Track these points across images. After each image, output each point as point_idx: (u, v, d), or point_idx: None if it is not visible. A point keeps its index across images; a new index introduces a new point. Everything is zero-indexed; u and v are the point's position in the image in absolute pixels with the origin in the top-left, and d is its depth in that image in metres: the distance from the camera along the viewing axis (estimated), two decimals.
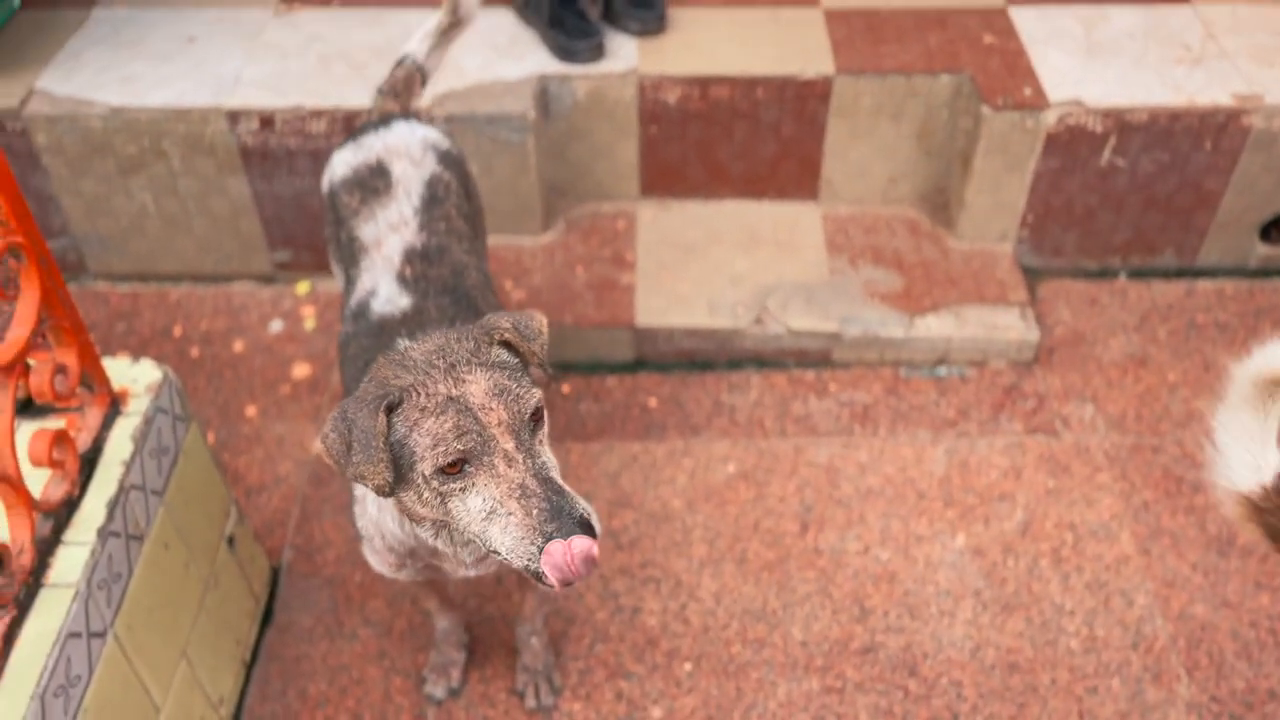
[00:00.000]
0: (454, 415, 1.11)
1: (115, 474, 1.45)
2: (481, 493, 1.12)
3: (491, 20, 2.60)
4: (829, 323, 2.35)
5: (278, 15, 2.64)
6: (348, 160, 1.77)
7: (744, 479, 2.17)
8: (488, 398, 1.13)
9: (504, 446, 1.11)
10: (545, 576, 1.10)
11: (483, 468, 1.12)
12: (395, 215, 1.67)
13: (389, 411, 1.13)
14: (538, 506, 1.09)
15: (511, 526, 1.11)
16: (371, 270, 1.63)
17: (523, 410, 1.14)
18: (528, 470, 1.11)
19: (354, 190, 1.72)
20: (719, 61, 2.45)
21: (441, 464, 1.11)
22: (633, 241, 2.55)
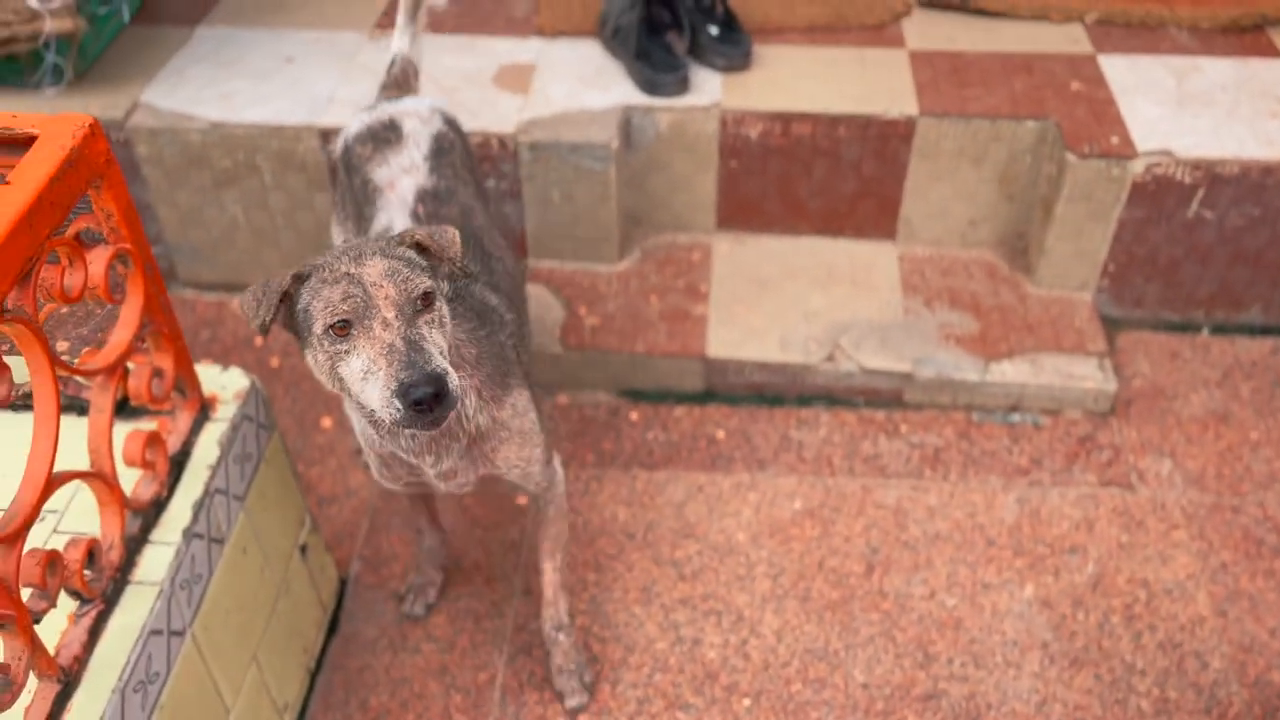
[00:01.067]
0: (345, 285, 1.25)
1: (202, 477, 1.49)
2: (360, 354, 1.25)
3: (579, 51, 2.65)
4: (902, 363, 2.33)
5: (372, 39, 2.72)
6: (362, 120, 1.91)
7: (810, 516, 2.16)
8: (380, 276, 1.26)
9: (384, 315, 1.24)
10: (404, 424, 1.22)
11: (363, 331, 1.25)
12: (407, 160, 1.81)
13: (298, 280, 1.29)
14: (398, 360, 1.21)
15: (377, 381, 1.23)
16: (387, 209, 1.76)
17: (410, 290, 1.26)
18: (399, 334, 1.23)
19: (367, 142, 1.86)
20: (802, 98, 2.46)
21: (329, 323, 1.25)
22: (707, 273, 2.56)
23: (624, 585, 2.05)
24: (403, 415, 1.21)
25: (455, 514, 2.18)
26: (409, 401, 1.20)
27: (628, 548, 2.12)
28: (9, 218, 1.08)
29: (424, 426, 1.23)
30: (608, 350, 2.40)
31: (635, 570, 2.08)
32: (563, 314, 2.47)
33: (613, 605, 2.02)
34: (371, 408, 1.25)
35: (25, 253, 1.10)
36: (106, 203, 1.28)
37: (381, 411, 1.23)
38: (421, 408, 1.20)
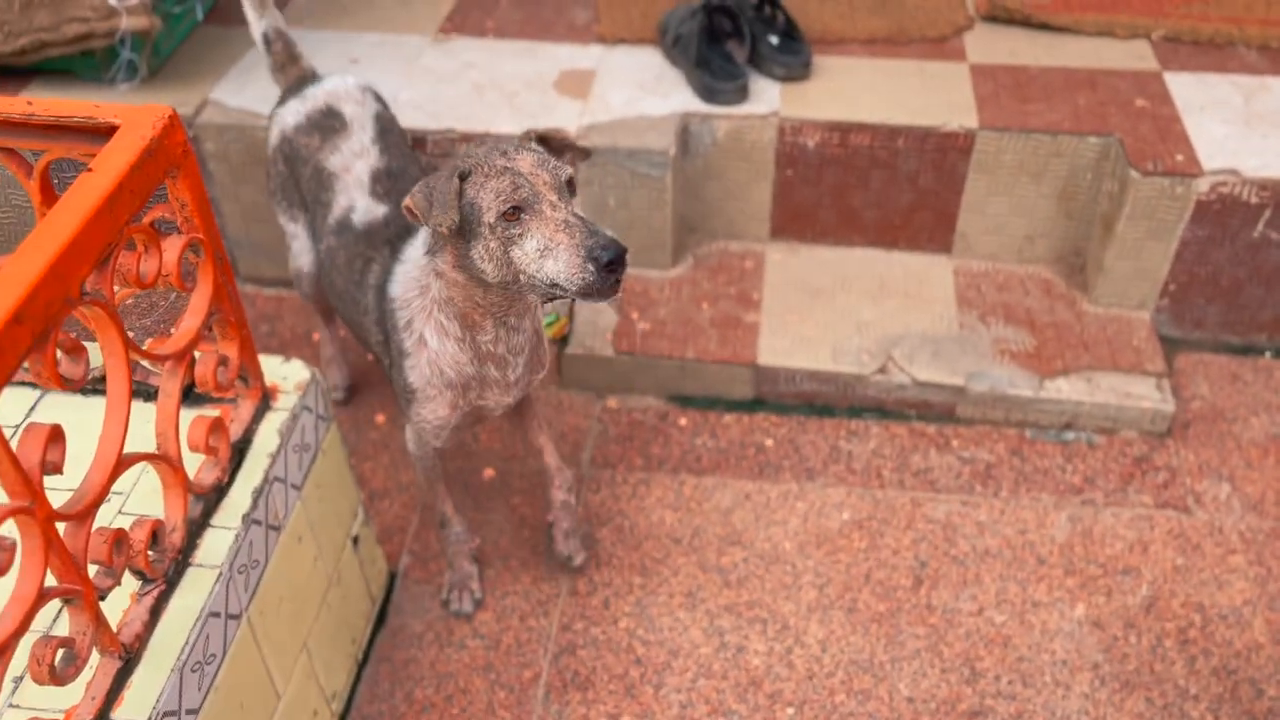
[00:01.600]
0: (510, 177, 1.40)
1: (262, 465, 1.52)
2: (535, 235, 1.39)
3: (639, 58, 2.67)
4: (955, 377, 2.32)
5: (436, 42, 2.76)
6: (297, 110, 1.99)
7: (858, 528, 2.15)
8: (534, 167, 1.42)
9: (549, 198, 1.39)
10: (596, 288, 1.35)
11: (534, 214, 1.39)
12: (357, 145, 1.91)
13: (461, 179, 1.42)
14: (580, 231, 1.36)
15: (561, 253, 1.36)
16: (345, 192, 1.88)
17: (560, 175, 1.43)
18: (568, 211, 1.39)
19: (311, 133, 1.95)
20: (861, 109, 2.46)
21: (503, 209, 1.39)
22: (760, 281, 2.56)
23: (669, 590, 2.06)
24: (595, 278, 1.34)
25: (504, 513, 2.20)
26: (601, 265, 1.33)
27: (674, 552, 2.12)
28: (91, 203, 1.11)
29: (610, 288, 1.36)
30: (659, 355, 2.41)
31: (681, 575, 2.08)
32: (615, 318, 2.48)
33: (658, 609, 2.02)
34: (555, 278, 1.37)
35: (105, 238, 1.13)
36: (181, 193, 1.32)
37: (571, 280, 1.36)
38: (613, 267, 1.33)
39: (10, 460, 1.01)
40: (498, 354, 1.63)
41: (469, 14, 2.87)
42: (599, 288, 1.35)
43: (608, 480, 2.26)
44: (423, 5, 2.92)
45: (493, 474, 2.28)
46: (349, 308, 1.86)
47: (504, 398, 1.72)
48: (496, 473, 2.28)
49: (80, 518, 1.15)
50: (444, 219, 1.40)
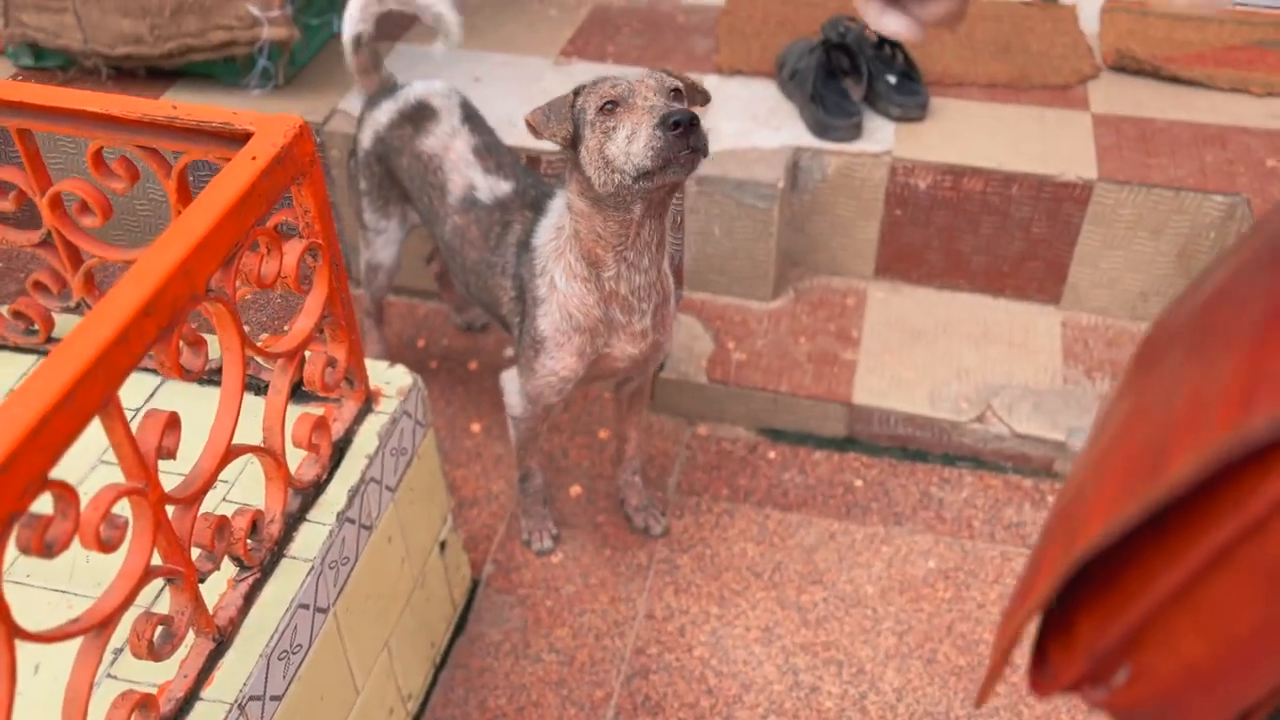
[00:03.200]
0: (614, 80, 1.53)
1: (359, 465, 1.57)
2: (625, 124, 1.49)
3: (754, 90, 2.69)
4: (1056, 432, 2.26)
5: (556, 65, 2.82)
6: (389, 109, 2.10)
7: (944, 578, 2.11)
8: (644, 76, 1.54)
9: (645, 95, 1.50)
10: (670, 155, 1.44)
11: (627, 109, 1.50)
12: (448, 127, 2.05)
13: (576, 94, 1.57)
14: (659, 110, 1.46)
15: (642, 131, 1.46)
16: (456, 170, 2.00)
17: (664, 85, 1.53)
18: (658, 103, 1.48)
19: (403, 125, 2.07)
20: (975, 153, 2.43)
21: (599, 105, 1.51)
22: (860, 319, 2.54)
23: (746, 622, 2.05)
24: (665, 143, 1.43)
25: (588, 531, 2.22)
26: (669, 124, 1.42)
27: (754, 585, 2.11)
28: (223, 206, 1.18)
29: (685, 159, 1.44)
30: (752, 386, 2.41)
31: (759, 609, 2.07)
32: (711, 346, 2.49)
33: (733, 641, 2.02)
34: (639, 164, 1.47)
35: (233, 239, 1.20)
36: (305, 199, 1.38)
37: (648, 150, 1.45)
38: (680, 130, 1.42)
39: (130, 444, 1.07)
40: (621, 294, 1.71)
41: (591, 39, 2.93)
42: (673, 155, 1.44)
43: (692, 507, 2.27)
44: (547, 29, 2.99)
45: (580, 491, 2.31)
46: (481, 276, 1.95)
47: (630, 348, 1.79)
48: (584, 490, 2.31)
49: (189, 502, 1.21)
50: (559, 129, 1.55)
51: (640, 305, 1.74)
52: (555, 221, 1.76)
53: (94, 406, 1.01)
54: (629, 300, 1.73)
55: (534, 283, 1.78)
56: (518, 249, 1.85)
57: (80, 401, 0.98)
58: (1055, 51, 2.76)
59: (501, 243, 1.90)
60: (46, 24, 2.57)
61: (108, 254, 1.49)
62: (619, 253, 1.66)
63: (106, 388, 1.02)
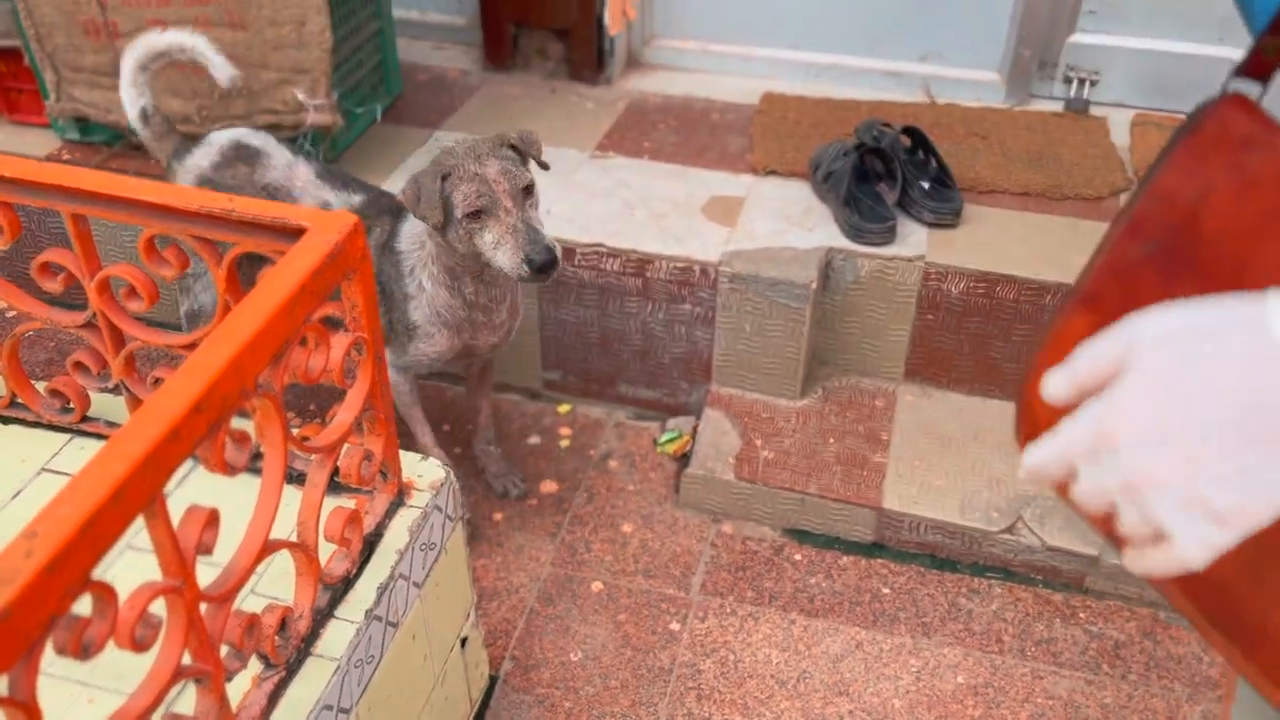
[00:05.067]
0: (477, 184, 1.81)
1: (390, 561, 1.55)
2: (491, 231, 1.83)
3: (788, 190, 2.71)
4: (1088, 546, 2.22)
5: (592, 158, 2.86)
6: (207, 154, 2.21)
7: (973, 694, 2.06)
8: (498, 175, 1.82)
9: (505, 204, 1.81)
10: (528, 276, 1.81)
11: (492, 216, 1.82)
12: (283, 161, 2.20)
13: (443, 179, 1.82)
14: (523, 237, 1.80)
15: (507, 250, 1.82)
16: (307, 194, 2.17)
17: (517, 184, 1.82)
18: (518, 218, 1.81)
19: (234, 165, 2.19)
20: (1009, 262, 2.44)
21: (468, 211, 1.81)
22: (890, 422, 2.53)
23: None
24: (528, 275, 1.80)
25: (608, 630, 2.18)
26: (534, 267, 1.79)
27: (778, 695, 2.06)
28: (276, 302, 1.18)
29: (541, 280, 1.83)
30: (779, 486, 2.38)
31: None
32: (739, 443, 2.48)
33: None
34: (501, 267, 1.83)
35: (284, 335, 1.19)
36: (354, 294, 1.38)
37: (512, 271, 1.82)
38: (543, 270, 1.79)
39: (171, 541, 1.06)
40: (480, 303, 2.04)
41: (627, 133, 2.98)
42: (531, 280, 1.82)
43: (716, 609, 2.23)
44: (585, 121, 3.04)
45: (601, 588, 2.27)
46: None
47: (491, 338, 2.12)
48: (604, 587, 2.27)
49: (223, 600, 1.19)
50: (431, 215, 1.82)
51: (498, 307, 2.07)
52: (417, 233, 2.02)
53: (140, 504, 0.99)
54: (488, 306, 2.06)
55: (402, 282, 2.04)
56: (379, 250, 2.08)
57: (128, 499, 0.97)
58: (1087, 163, 2.79)
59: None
60: (98, 100, 2.62)
61: (152, 338, 1.49)
62: (476, 276, 1.99)
63: (154, 485, 1.00)
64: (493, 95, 3.16)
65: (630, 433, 2.68)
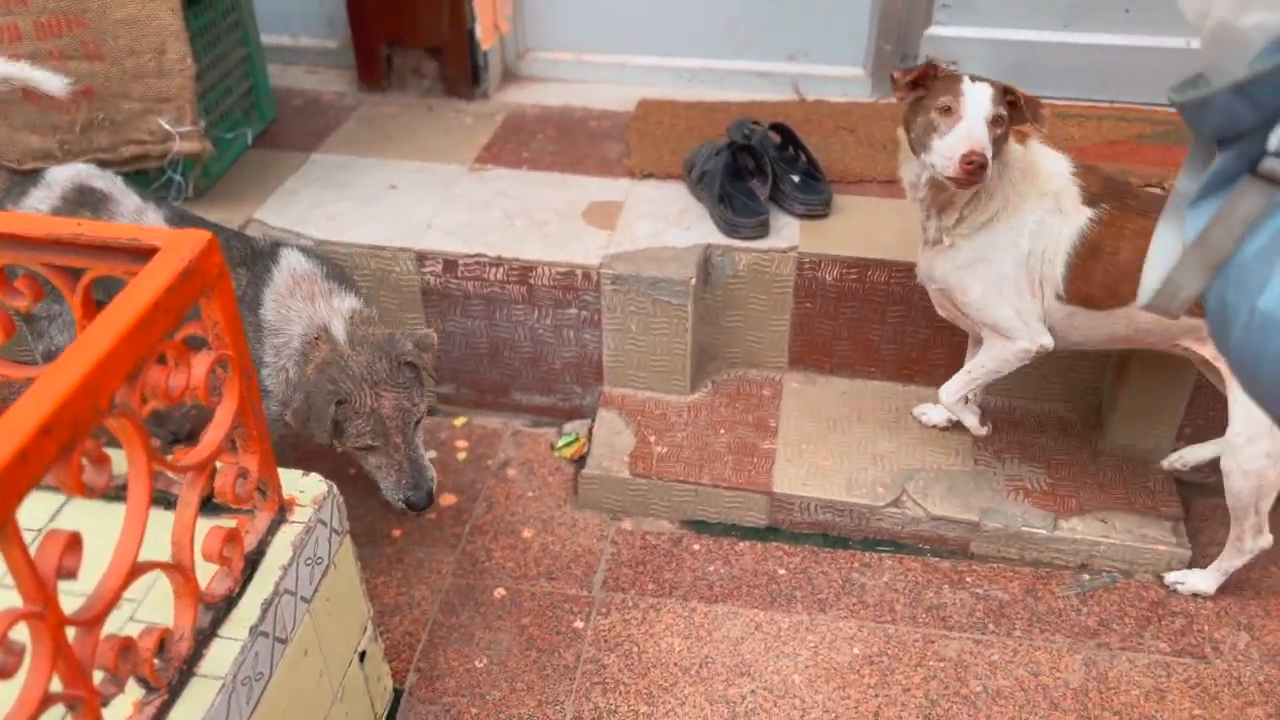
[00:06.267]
0: (372, 421, 1.89)
1: (273, 577, 1.54)
2: (379, 458, 1.95)
3: (665, 192, 2.77)
4: (970, 513, 2.32)
5: (471, 171, 2.88)
6: (45, 196, 2.15)
7: (869, 663, 2.13)
8: (393, 410, 1.90)
9: (394, 439, 1.91)
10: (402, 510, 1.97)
11: (381, 449, 1.92)
12: (132, 206, 2.15)
13: (337, 403, 1.87)
14: (405, 476, 1.94)
15: (389, 482, 1.95)
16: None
17: (410, 419, 1.92)
18: (404, 454, 1.93)
19: (78, 210, 2.11)
20: (879, 246, 2.53)
21: (358, 445, 1.93)
22: (777, 410, 2.59)
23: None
24: (404, 508, 1.94)
25: (512, 634, 2.20)
26: (411, 506, 1.93)
27: (681, 681, 2.10)
28: (126, 321, 1.18)
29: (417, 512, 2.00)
30: (674, 480, 2.43)
31: (688, 705, 2.06)
32: (633, 441, 2.52)
33: None
34: (382, 489, 1.96)
35: (138, 354, 1.20)
36: (214, 312, 1.39)
37: (388, 499, 1.96)
38: (416, 508, 1.96)
39: (28, 566, 1.05)
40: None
41: (506, 145, 3.01)
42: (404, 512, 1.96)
43: (618, 604, 2.26)
44: (463, 135, 3.06)
45: (504, 594, 2.29)
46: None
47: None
48: (508, 593, 2.29)
49: (90, 624, 1.18)
50: (319, 435, 1.89)
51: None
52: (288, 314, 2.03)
53: None
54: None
55: (259, 348, 2.03)
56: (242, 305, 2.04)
57: None
58: None
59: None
60: None
61: (10, 372, 1.47)
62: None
63: (3, 510, 1.00)
64: (369, 116, 3.17)
65: (527, 440, 2.70)
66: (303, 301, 2.03)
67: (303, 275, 2.07)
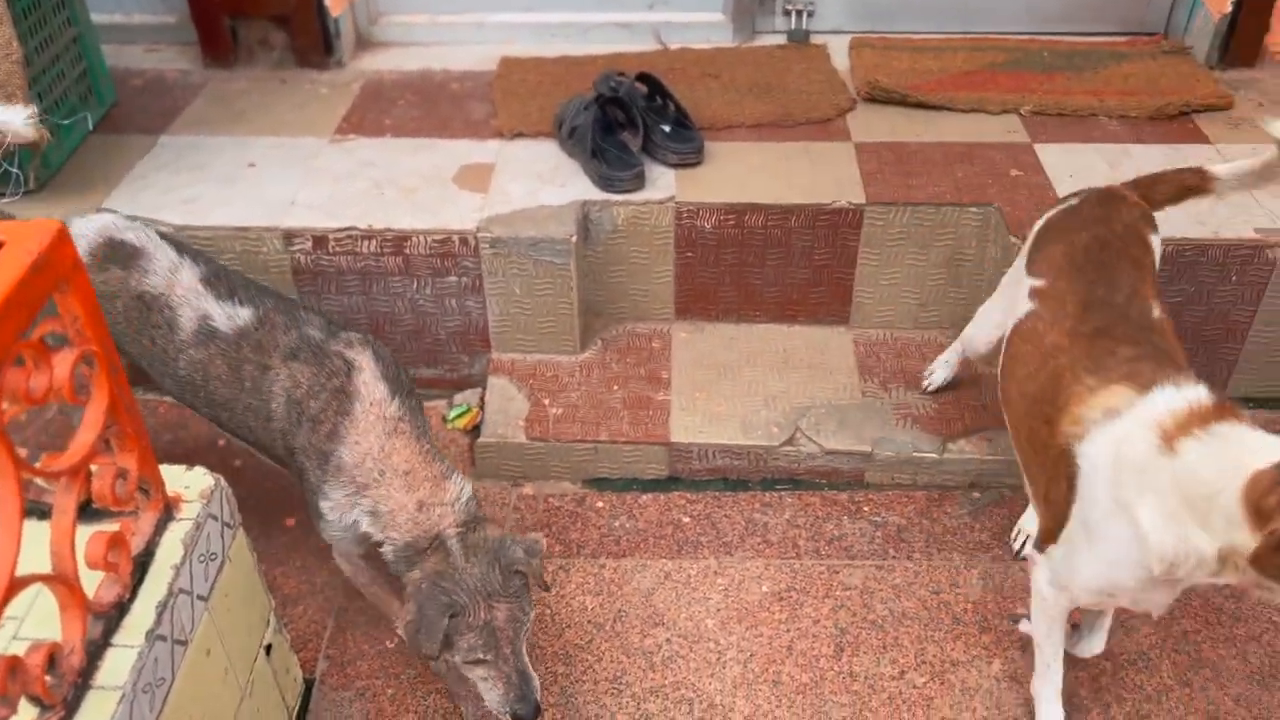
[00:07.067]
0: (485, 635, 1.71)
1: (165, 578, 1.48)
2: (487, 670, 1.73)
3: (536, 150, 2.73)
4: (862, 444, 2.38)
5: (333, 143, 2.78)
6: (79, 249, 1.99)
7: (778, 600, 2.17)
8: (505, 623, 1.72)
9: (504, 651, 1.72)
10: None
11: (490, 661, 1.72)
12: (167, 263, 1.99)
13: (450, 616, 1.70)
14: (514, 690, 1.73)
15: (497, 694, 1.74)
16: (186, 305, 1.95)
17: (521, 630, 1.74)
18: (514, 667, 1.73)
19: (106, 268, 1.98)
20: (754, 190, 2.54)
21: (468, 659, 1.73)
22: (668, 361, 2.60)
23: (594, 676, 2.04)
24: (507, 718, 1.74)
25: None
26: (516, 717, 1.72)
27: (596, 638, 2.11)
28: None
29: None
30: (572, 440, 2.42)
31: (604, 660, 2.06)
32: (526, 405, 2.49)
33: (582, 697, 2.00)
34: (485, 700, 1.76)
35: None
36: (72, 306, 1.30)
37: (494, 709, 1.75)
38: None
39: None
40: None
41: (366, 114, 2.91)
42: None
43: None
44: (320, 107, 2.95)
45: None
46: (236, 414, 1.94)
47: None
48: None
49: None
50: (428, 648, 1.70)
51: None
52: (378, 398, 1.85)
53: None
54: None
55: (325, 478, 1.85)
56: (289, 406, 1.87)
57: None
58: (813, 89, 2.94)
59: (263, 388, 1.89)
60: None
61: None
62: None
63: None
64: (218, 93, 3.02)
65: None
66: (401, 478, 1.79)
67: (391, 420, 1.83)
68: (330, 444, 1.82)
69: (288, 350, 1.89)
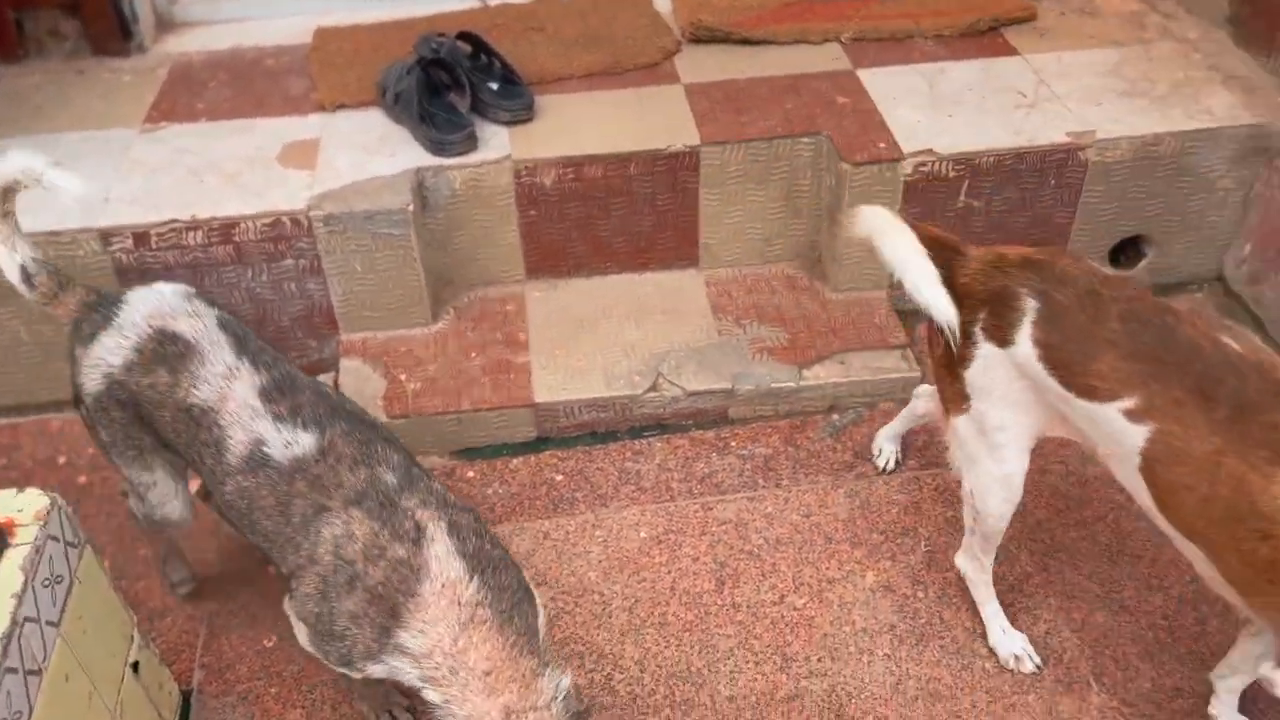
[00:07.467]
0: None
1: (7, 608, 1.39)
2: None
3: (362, 121, 2.65)
4: (722, 381, 2.41)
5: (143, 133, 2.63)
6: (117, 345, 1.74)
7: (657, 543, 2.20)
8: None
9: None
10: None
11: None
12: (220, 367, 1.70)
13: None
14: None
15: None
16: (239, 424, 1.66)
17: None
18: None
19: (153, 370, 1.72)
20: (589, 142, 2.53)
21: None
22: (524, 322, 2.58)
23: None
24: None
25: None
26: None
27: None
28: None
29: None
30: (434, 413, 2.38)
31: None
32: (383, 383, 2.44)
33: None
34: None
35: None
36: None
37: None
38: None
39: None
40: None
41: (176, 99, 2.76)
42: None
43: None
44: (126, 96, 2.78)
45: None
46: (280, 549, 1.64)
47: None
48: None
49: None
50: None
51: None
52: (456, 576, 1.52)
53: None
54: None
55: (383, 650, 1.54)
56: (336, 563, 1.55)
57: None
58: (639, 34, 2.93)
59: (312, 529, 1.58)
60: None
61: None
62: None
63: None
64: (9, 91, 2.81)
65: None
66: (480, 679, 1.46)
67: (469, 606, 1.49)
68: (390, 621, 1.50)
69: (353, 493, 1.58)
